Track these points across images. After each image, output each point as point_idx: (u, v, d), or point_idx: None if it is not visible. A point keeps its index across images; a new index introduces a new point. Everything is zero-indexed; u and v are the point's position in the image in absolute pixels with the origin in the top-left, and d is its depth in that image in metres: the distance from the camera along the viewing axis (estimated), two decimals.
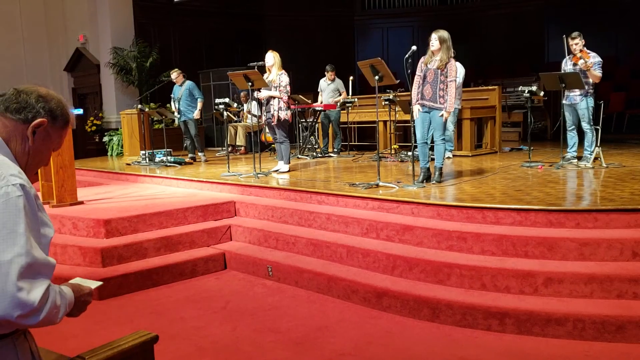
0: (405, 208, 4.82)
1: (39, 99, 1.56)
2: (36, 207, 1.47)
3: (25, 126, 1.54)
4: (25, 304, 1.37)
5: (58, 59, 13.87)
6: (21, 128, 1.54)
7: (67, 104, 1.63)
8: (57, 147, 1.65)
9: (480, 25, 14.85)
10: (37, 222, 1.46)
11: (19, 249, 1.36)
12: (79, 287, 1.67)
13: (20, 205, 1.40)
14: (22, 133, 1.54)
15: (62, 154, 5.75)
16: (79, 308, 1.64)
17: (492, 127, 8.71)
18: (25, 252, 1.37)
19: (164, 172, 7.97)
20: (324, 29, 15.46)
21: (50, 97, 1.59)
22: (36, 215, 1.46)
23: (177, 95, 9.22)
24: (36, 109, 1.54)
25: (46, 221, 1.51)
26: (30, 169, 1.59)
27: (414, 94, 5.69)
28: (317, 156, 9.33)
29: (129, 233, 5.28)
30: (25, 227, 1.39)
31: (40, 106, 1.55)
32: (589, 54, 6.54)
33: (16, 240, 1.37)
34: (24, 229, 1.38)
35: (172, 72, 9.39)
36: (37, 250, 1.42)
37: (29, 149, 1.55)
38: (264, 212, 5.67)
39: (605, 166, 6.34)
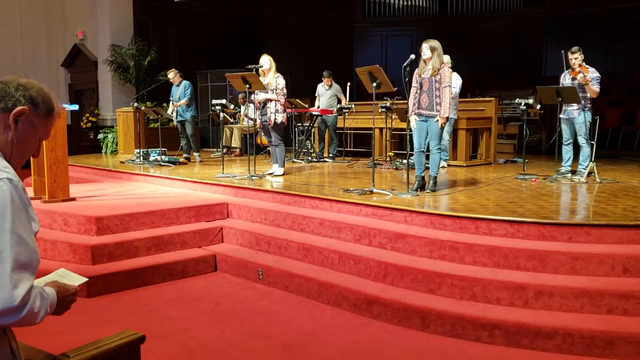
0: (398, 216, 4.81)
1: (19, 88, 1.54)
2: (25, 200, 1.45)
3: (6, 115, 1.52)
4: (6, 300, 1.36)
5: (56, 55, 13.82)
6: (2, 117, 1.52)
7: (50, 92, 1.61)
8: (44, 137, 1.62)
9: (479, 37, 14.92)
10: (27, 216, 1.45)
11: (4, 245, 1.36)
12: (64, 287, 1.64)
13: (7, 200, 1.39)
14: (4, 122, 1.52)
15: (55, 149, 5.71)
16: (64, 307, 1.62)
17: (488, 139, 8.73)
18: (10, 247, 1.36)
19: (158, 171, 7.94)
20: (324, 34, 15.49)
21: (31, 85, 1.56)
22: (26, 209, 1.45)
23: (175, 95, 9.20)
24: (16, 97, 1.52)
25: (32, 216, 1.50)
26: (16, 159, 1.56)
27: (411, 104, 5.70)
28: (312, 161, 9.32)
29: (120, 231, 5.25)
30: (12, 223, 1.38)
31: (20, 94, 1.53)
32: (587, 69, 6.57)
33: (2, 236, 1.36)
34: (9, 224, 1.37)
35: (169, 72, 9.37)
36: (23, 245, 1.40)
37: (12, 139, 1.53)
38: (256, 215, 5.65)
39: (599, 181, 6.36)
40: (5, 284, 1.36)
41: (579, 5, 13.41)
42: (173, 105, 9.17)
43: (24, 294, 1.38)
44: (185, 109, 9.11)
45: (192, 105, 9.18)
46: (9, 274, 1.36)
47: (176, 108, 9.14)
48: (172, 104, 9.20)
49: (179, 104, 9.08)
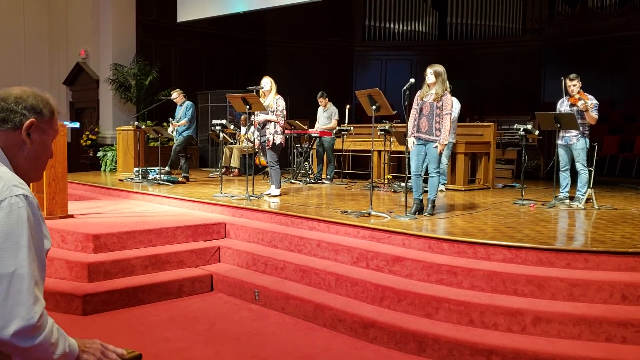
0: (396, 239, 4.80)
1: (18, 101, 1.53)
2: (39, 217, 1.45)
3: (17, 132, 1.51)
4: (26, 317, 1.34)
5: (58, 72, 13.91)
6: (13, 136, 1.51)
7: (43, 93, 1.60)
8: (55, 135, 1.63)
9: (478, 62, 15.06)
10: (40, 233, 1.45)
11: (22, 261, 1.35)
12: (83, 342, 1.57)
13: (24, 217, 1.38)
14: (17, 141, 1.52)
15: (55, 166, 5.72)
16: None
17: (486, 163, 8.76)
18: (28, 264, 1.36)
19: (156, 190, 7.94)
20: (324, 57, 15.63)
21: (26, 95, 1.56)
22: (40, 226, 1.45)
23: (177, 115, 9.26)
24: (19, 112, 1.51)
25: (46, 233, 1.49)
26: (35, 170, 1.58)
27: (410, 127, 5.74)
28: (310, 182, 9.33)
29: (117, 249, 5.23)
30: (28, 239, 1.38)
31: (22, 107, 1.52)
32: (587, 96, 6.63)
33: (19, 252, 1.35)
34: (26, 241, 1.37)
35: (173, 92, 9.43)
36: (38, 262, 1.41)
37: (28, 153, 1.53)
38: (254, 235, 5.63)
39: (597, 208, 6.37)
40: (25, 300, 1.34)
41: (577, 33, 13.57)
42: (172, 125, 9.21)
43: (41, 311, 1.36)
44: (184, 128, 9.16)
45: (192, 126, 9.23)
46: (27, 290, 1.35)
47: (176, 128, 9.19)
48: (172, 124, 9.23)
49: (179, 124, 9.13)
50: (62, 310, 4.44)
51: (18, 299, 1.34)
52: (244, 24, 14.06)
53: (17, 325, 1.33)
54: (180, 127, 9.15)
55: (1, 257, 1.34)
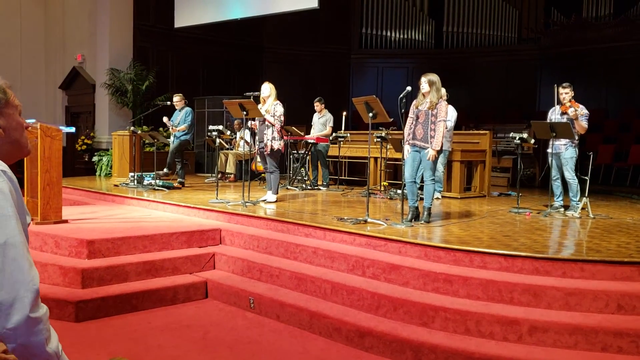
0: (392, 246, 4.79)
1: None
2: (20, 192, 1.52)
3: None
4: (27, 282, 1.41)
5: (54, 77, 13.88)
6: None
7: None
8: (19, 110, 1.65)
9: (474, 71, 15.12)
10: (22, 207, 1.51)
11: (12, 231, 1.41)
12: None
13: (6, 190, 1.44)
14: None
15: (50, 171, 5.69)
16: None
17: (482, 171, 8.77)
18: (18, 233, 1.43)
19: (152, 195, 7.90)
20: (321, 63, 15.65)
21: None
22: (21, 199, 1.52)
23: (175, 120, 9.23)
24: None
25: (25, 209, 1.56)
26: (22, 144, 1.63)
27: (406, 134, 5.75)
28: (306, 188, 9.32)
29: (111, 255, 5.20)
30: (14, 211, 1.44)
31: None
32: (578, 105, 6.66)
33: (8, 223, 1.42)
34: (13, 212, 1.43)
35: (174, 96, 9.41)
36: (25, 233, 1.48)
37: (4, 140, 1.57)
38: (249, 242, 5.61)
39: (593, 217, 6.38)
40: (22, 265, 1.41)
41: (572, 43, 13.65)
42: (172, 129, 9.18)
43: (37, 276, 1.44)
44: (182, 133, 9.15)
45: (190, 131, 9.25)
46: (22, 256, 1.42)
47: (174, 133, 9.17)
48: (172, 128, 9.21)
49: (179, 128, 9.11)
50: (54, 316, 4.40)
51: (15, 265, 1.41)
52: (241, 30, 14.08)
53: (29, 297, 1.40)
54: (180, 133, 9.14)
55: None
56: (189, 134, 9.27)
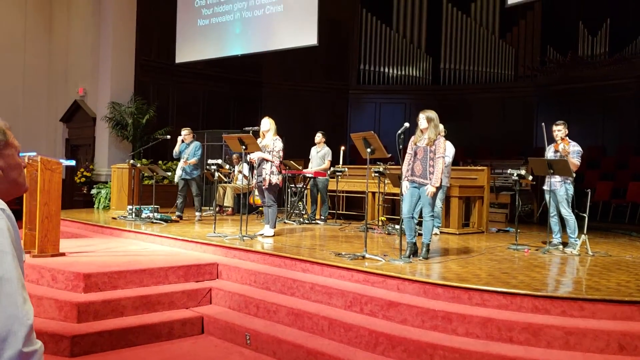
0: (390, 283, 4.76)
1: None
2: (17, 230, 1.54)
3: None
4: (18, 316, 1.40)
5: (55, 109, 14.00)
6: None
7: None
8: (18, 149, 1.67)
9: (471, 107, 15.27)
10: (19, 244, 1.53)
11: (8, 266, 1.43)
12: None
13: (3, 227, 1.46)
14: None
15: (49, 203, 5.69)
16: None
17: (480, 207, 8.78)
18: (14, 268, 1.44)
19: (149, 228, 7.88)
20: (319, 98, 15.82)
21: None
22: (18, 237, 1.53)
23: (184, 153, 9.25)
24: None
25: (21, 246, 1.57)
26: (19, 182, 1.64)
27: (404, 170, 5.78)
28: (304, 222, 9.31)
29: (108, 289, 5.16)
30: (11, 247, 1.45)
31: None
32: (569, 142, 6.73)
33: (4, 259, 1.43)
34: (10, 249, 1.44)
35: (183, 130, 9.45)
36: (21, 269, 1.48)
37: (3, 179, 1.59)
38: (246, 277, 5.58)
39: (592, 254, 6.36)
40: (17, 301, 1.41)
41: (568, 80, 13.84)
42: (184, 162, 9.18)
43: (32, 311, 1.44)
44: (193, 168, 9.16)
45: (199, 166, 9.27)
46: (17, 292, 1.42)
47: (184, 167, 9.16)
48: (183, 161, 9.21)
49: (190, 162, 9.13)
50: (49, 351, 4.34)
51: (9, 300, 1.41)
52: (241, 65, 14.28)
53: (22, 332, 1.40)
54: (189, 167, 9.15)
55: None
56: (199, 168, 9.29)
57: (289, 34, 11.15)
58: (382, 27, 16.07)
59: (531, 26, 14.89)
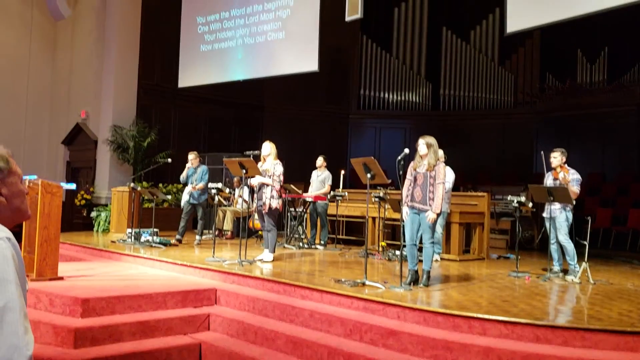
0: (391, 311, 4.73)
1: None
2: (22, 259, 1.56)
3: None
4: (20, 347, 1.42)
5: (57, 132, 14.06)
6: None
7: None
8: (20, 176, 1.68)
9: (471, 133, 15.33)
10: (23, 273, 1.55)
11: (11, 295, 1.45)
12: None
13: (8, 255, 1.48)
14: None
15: (48, 227, 5.68)
16: None
17: (481, 233, 8.76)
18: (17, 297, 1.45)
19: (148, 252, 7.85)
20: (319, 123, 15.90)
21: None
22: (22, 265, 1.56)
23: (191, 178, 9.26)
24: None
25: (25, 274, 1.59)
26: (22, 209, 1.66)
27: (404, 196, 5.78)
28: (303, 247, 9.28)
29: (105, 314, 5.11)
30: (15, 276, 1.47)
31: None
32: (568, 170, 6.75)
33: (8, 288, 1.45)
34: (14, 277, 1.47)
35: (190, 154, 9.48)
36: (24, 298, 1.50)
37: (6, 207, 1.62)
38: (245, 303, 5.53)
39: (593, 282, 6.32)
40: (19, 330, 1.43)
41: (567, 107, 13.93)
42: (192, 187, 9.17)
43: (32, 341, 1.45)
44: (200, 192, 9.16)
45: (206, 189, 9.27)
46: (18, 321, 1.44)
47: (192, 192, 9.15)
48: (191, 186, 9.20)
49: (198, 187, 9.12)
50: None
51: (11, 329, 1.43)
52: (242, 90, 14.36)
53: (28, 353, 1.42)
54: (197, 192, 9.14)
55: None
56: (206, 192, 9.28)
57: (290, 60, 11.25)
58: (382, 54, 16.24)
59: (530, 54, 15.05)
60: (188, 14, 13.08)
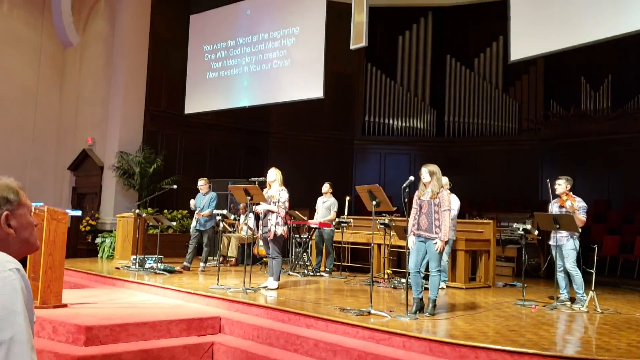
0: (396, 340, 4.68)
1: None
2: (30, 290, 1.56)
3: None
4: None
5: (63, 158, 14.17)
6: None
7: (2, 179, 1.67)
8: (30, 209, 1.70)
9: (476, 159, 15.34)
10: (31, 304, 1.54)
11: (19, 327, 1.44)
12: None
13: (18, 288, 1.48)
14: (0, 236, 1.61)
15: (53, 254, 5.69)
16: None
17: (487, 261, 8.70)
18: (24, 329, 1.45)
19: (152, 279, 7.83)
20: (324, 149, 15.95)
21: None
22: (31, 297, 1.56)
23: (200, 204, 9.27)
24: None
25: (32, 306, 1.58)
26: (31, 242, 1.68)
27: (410, 225, 5.77)
28: (308, 274, 9.23)
29: (109, 342, 5.08)
30: (23, 307, 1.47)
31: None
32: (575, 198, 6.73)
33: (16, 320, 1.44)
34: (22, 309, 1.46)
35: (200, 180, 9.51)
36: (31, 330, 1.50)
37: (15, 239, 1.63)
38: (249, 332, 5.49)
39: (600, 311, 6.24)
40: None
41: (572, 134, 13.94)
42: (197, 214, 9.20)
43: None
44: (207, 219, 9.16)
45: (214, 217, 9.26)
46: (25, 354, 1.44)
47: (199, 218, 9.17)
48: (197, 213, 9.22)
49: (204, 214, 9.13)
50: None
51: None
52: (248, 116, 14.47)
53: None
54: (204, 218, 9.15)
55: (0, 325, 1.43)
56: (213, 219, 9.28)
57: (295, 87, 11.37)
58: (387, 81, 16.35)
59: (534, 81, 15.13)
60: (195, 42, 13.28)
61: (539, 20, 8.77)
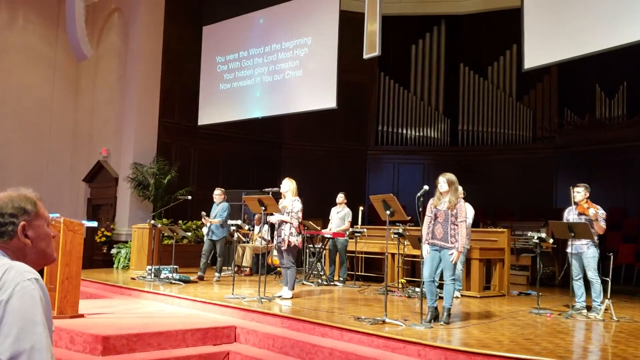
0: (411, 349, 4.67)
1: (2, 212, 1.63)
2: (48, 299, 1.58)
3: (15, 239, 1.64)
4: None
5: (79, 170, 14.33)
6: (13, 244, 1.64)
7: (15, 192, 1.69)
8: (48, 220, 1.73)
9: (490, 168, 15.26)
10: (49, 313, 1.57)
11: (39, 337, 1.47)
12: None
13: (37, 297, 1.52)
14: (18, 246, 1.64)
15: (70, 264, 5.77)
16: None
17: (501, 270, 8.66)
18: (44, 339, 1.48)
19: (168, 289, 7.89)
20: (337, 159, 15.98)
21: (4, 202, 1.65)
22: (49, 306, 1.58)
23: (213, 214, 9.37)
24: (8, 222, 1.63)
25: (51, 315, 1.60)
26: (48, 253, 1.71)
27: (424, 233, 5.77)
28: (322, 284, 9.24)
29: (125, 352, 5.13)
30: (42, 317, 1.50)
31: (8, 216, 1.63)
32: (595, 206, 6.68)
33: (35, 329, 1.47)
34: (41, 319, 1.49)
35: (216, 189, 9.64)
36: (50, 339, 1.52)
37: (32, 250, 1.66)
38: (264, 341, 5.51)
39: (616, 320, 6.18)
40: None
41: (587, 142, 13.83)
42: (204, 220, 9.29)
43: None
44: (219, 227, 9.24)
45: (225, 226, 9.33)
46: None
47: (210, 225, 9.23)
48: (204, 219, 9.32)
49: (212, 221, 9.22)
50: None
51: None
52: (261, 127, 14.57)
53: None
54: (215, 227, 9.22)
55: (20, 334, 1.45)
56: (225, 228, 9.35)
57: (308, 97, 11.42)
58: (400, 90, 16.36)
59: (548, 89, 15.05)
60: (208, 53, 13.41)
61: (552, 28, 8.75)
